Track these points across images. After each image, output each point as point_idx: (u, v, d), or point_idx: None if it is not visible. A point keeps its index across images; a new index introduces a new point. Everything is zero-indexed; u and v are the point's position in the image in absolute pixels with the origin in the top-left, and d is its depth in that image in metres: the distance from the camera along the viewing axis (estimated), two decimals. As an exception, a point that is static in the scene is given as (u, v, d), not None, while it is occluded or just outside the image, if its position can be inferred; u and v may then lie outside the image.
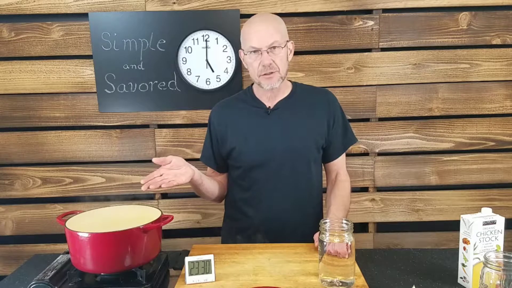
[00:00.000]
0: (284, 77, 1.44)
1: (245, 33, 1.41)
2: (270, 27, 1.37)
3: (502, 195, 2.18)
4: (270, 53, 1.37)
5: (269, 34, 1.36)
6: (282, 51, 1.39)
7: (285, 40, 1.41)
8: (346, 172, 1.58)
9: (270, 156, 1.45)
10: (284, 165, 1.45)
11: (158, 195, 2.19)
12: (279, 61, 1.39)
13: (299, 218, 1.49)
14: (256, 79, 1.43)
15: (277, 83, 1.41)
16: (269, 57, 1.37)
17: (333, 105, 1.51)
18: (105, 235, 1.09)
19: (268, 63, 1.37)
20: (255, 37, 1.37)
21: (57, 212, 2.17)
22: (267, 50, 1.36)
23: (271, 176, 1.46)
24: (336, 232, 1.09)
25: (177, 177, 1.29)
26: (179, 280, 1.15)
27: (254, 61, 1.39)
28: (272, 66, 1.38)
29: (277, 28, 1.38)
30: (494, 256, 0.94)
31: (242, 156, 1.48)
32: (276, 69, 1.39)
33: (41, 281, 1.08)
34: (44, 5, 2.02)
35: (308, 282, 1.12)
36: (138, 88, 2.08)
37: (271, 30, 1.37)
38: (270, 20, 1.40)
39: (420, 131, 2.14)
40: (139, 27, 2.03)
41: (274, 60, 1.38)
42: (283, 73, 1.41)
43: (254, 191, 1.49)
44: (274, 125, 1.46)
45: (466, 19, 2.06)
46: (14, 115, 2.12)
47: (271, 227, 1.48)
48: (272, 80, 1.40)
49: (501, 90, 2.11)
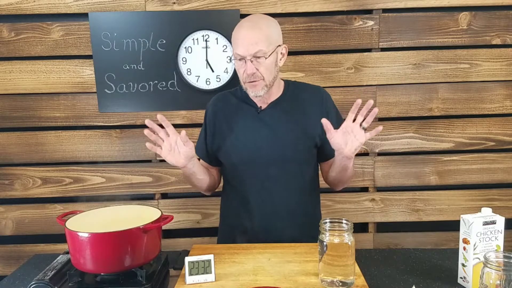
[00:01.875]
0: (271, 85, 1.41)
1: (233, 38, 1.39)
2: (256, 35, 1.33)
3: (502, 195, 2.18)
4: (254, 62, 1.34)
5: (253, 42, 1.33)
6: (268, 59, 1.35)
7: (275, 46, 1.37)
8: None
9: (257, 156, 1.43)
10: (272, 166, 1.44)
11: (158, 195, 2.19)
12: (264, 70, 1.36)
13: (287, 220, 1.47)
14: (243, 85, 1.42)
15: (261, 91, 1.39)
16: (253, 66, 1.34)
17: (326, 102, 1.49)
18: (105, 235, 1.09)
19: (251, 72, 1.35)
20: (240, 44, 1.35)
21: (57, 212, 2.17)
22: (250, 59, 1.34)
23: (258, 176, 1.45)
24: (336, 232, 1.09)
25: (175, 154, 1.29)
26: (179, 280, 1.15)
27: (240, 67, 1.38)
28: (256, 75, 1.36)
29: (265, 35, 1.34)
30: (494, 256, 0.94)
31: (229, 153, 1.48)
32: (260, 78, 1.37)
33: (41, 281, 1.09)
34: (44, 5, 2.02)
35: (308, 282, 1.12)
36: (138, 88, 2.08)
37: (256, 38, 1.33)
38: (258, 27, 1.35)
39: (420, 131, 2.14)
40: (139, 27, 2.03)
41: (258, 68, 1.35)
42: (268, 81, 1.38)
43: (242, 191, 1.49)
44: (263, 125, 1.45)
45: (466, 19, 2.06)
46: (14, 115, 2.12)
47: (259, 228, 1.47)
48: (256, 88, 1.39)
49: (501, 90, 2.11)
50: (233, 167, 1.50)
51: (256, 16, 1.44)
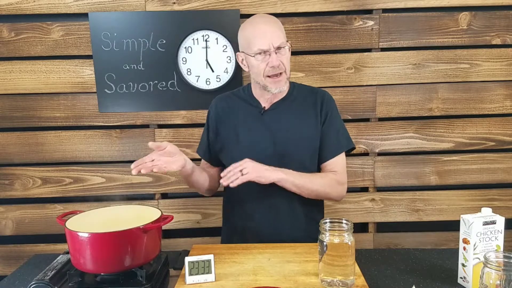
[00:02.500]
0: (289, 78, 1.44)
1: (250, 35, 1.39)
2: (275, 27, 1.38)
3: (502, 195, 2.18)
4: (278, 54, 1.37)
5: (276, 35, 1.37)
6: (287, 51, 1.39)
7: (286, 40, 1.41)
8: (343, 176, 1.49)
9: (259, 157, 1.43)
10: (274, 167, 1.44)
11: (158, 195, 2.19)
12: (286, 61, 1.40)
13: (289, 220, 1.48)
14: (262, 81, 1.41)
15: (285, 85, 1.41)
16: (278, 58, 1.37)
17: (328, 105, 1.48)
18: (105, 235, 1.09)
19: (277, 63, 1.37)
20: (263, 38, 1.36)
21: (57, 212, 2.17)
22: (275, 51, 1.36)
23: None
24: (336, 232, 1.09)
25: (168, 164, 1.30)
26: (179, 280, 1.15)
27: (261, 62, 1.38)
28: (281, 66, 1.38)
29: (281, 29, 1.40)
30: (494, 256, 0.94)
31: (231, 154, 1.48)
32: (283, 69, 1.39)
33: (41, 281, 1.09)
34: (44, 5, 2.02)
35: (308, 282, 1.12)
36: (138, 88, 2.08)
37: (277, 31, 1.38)
38: (273, 21, 1.41)
39: (420, 131, 2.14)
40: (139, 27, 2.03)
41: (281, 60, 1.38)
42: (288, 73, 1.42)
43: (243, 192, 1.49)
44: (266, 126, 1.45)
45: (466, 19, 2.06)
46: (14, 115, 2.12)
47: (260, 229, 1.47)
48: (280, 83, 1.40)
49: (501, 90, 2.11)
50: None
51: (264, 15, 1.47)
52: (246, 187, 1.48)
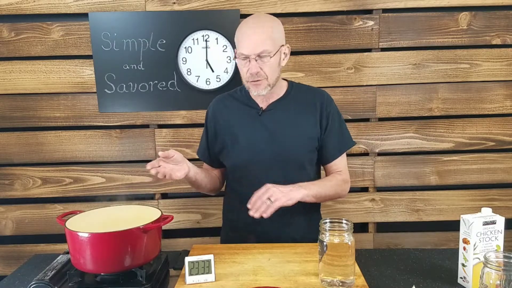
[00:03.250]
0: (274, 84, 1.41)
1: (237, 37, 1.39)
2: (261, 34, 1.33)
3: (502, 195, 2.18)
4: (259, 61, 1.34)
5: (258, 42, 1.33)
6: (272, 59, 1.35)
7: (278, 45, 1.37)
8: (347, 174, 1.53)
9: (258, 158, 1.44)
10: (273, 167, 1.44)
11: (158, 195, 2.19)
12: (268, 69, 1.36)
13: (289, 220, 1.48)
14: (245, 84, 1.42)
15: (264, 90, 1.39)
16: (257, 65, 1.35)
17: (328, 106, 1.48)
18: (105, 235, 1.09)
19: (255, 71, 1.35)
20: (245, 43, 1.35)
21: (57, 212, 2.17)
22: (255, 58, 1.34)
23: (259, 177, 1.45)
24: (336, 232, 1.09)
25: (173, 172, 1.31)
26: (179, 280, 1.15)
27: (243, 66, 1.38)
28: (260, 74, 1.36)
29: (269, 35, 1.34)
30: (494, 256, 0.94)
31: (231, 155, 1.48)
32: (263, 77, 1.37)
33: (41, 281, 1.08)
34: (44, 5, 2.02)
35: (308, 282, 1.12)
36: (138, 88, 2.08)
37: (262, 38, 1.33)
38: (263, 26, 1.35)
39: (420, 131, 2.14)
40: (139, 27, 2.03)
41: (262, 67, 1.35)
42: (271, 80, 1.39)
43: (242, 192, 1.49)
44: (264, 127, 1.45)
45: (466, 19, 2.06)
46: (14, 115, 2.12)
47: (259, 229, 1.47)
48: (259, 87, 1.39)
49: (501, 90, 2.11)
50: (234, 169, 1.50)
51: (260, 16, 1.44)
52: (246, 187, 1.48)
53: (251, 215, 1.28)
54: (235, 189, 1.53)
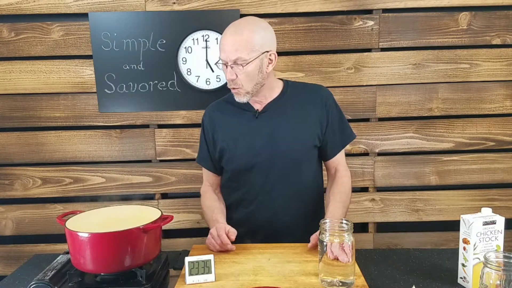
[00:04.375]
0: (253, 92, 1.40)
1: (219, 42, 1.39)
2: (237, 42, 1.31)
3: (502, 195, 2.18)
4: (235, 68, 1.34)
5: (233, 49, 1.32)
6: (249, 66, 1.33)
7: (258, 52, 1.34)
8: (346, 167, 1.56)
9: (258, 160, 1.44)
10: (273, 168, 1.44)
11: (158, 195, 2.19)
12: (243, 77, 1.35)
13: (290, 220, 1.48)
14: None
15: (244, 98, 1.40)
16: (233, 72, 1.35)
17: (327, 102, 1.47)
18: (105, 235, 1.09)
19: (230, 78, 1.36)
20: (222, 50, 1.35)
21: (57, 212, 2.17)
22: (231, 65, 1.34)
23: (260, 179, 1.45)
24: (336, 232, 1.09)
25: (227, 247, 1.34)
26: (179, 280, 1.15)
27: (224, 72, 1.40)
28: (235, 82, 1.36)
29: (245, 42, 1.31)
30: (494, 256, 0.94)
31: (231, 159, 1.48)
32: (239, 86, 1.37)
33: (41, 281, 1.09)
34: (44, 5, 2.02)
35: (308, 282, 1.12)
36: (138, 88, 2.08)
37: (236, 45, 1.31)
38: (242, 33, 1.32)
39: (420, 131, 2.14)
40: (139, 27, 2.03)
41: (238, 75, 1.35)
42: (248, 88, 1.38)
43: (243, 194, 1.49)
44: (262, 128, 1.44)
45: (466, 19, 2.06)
46: (14, 115, 2.12)
47: (261, 229, 1.48)
48: (238, 95, 1.40)
49: (501, 90, 2.11)
50: (235, 172, 1.50)
51: (242, 21, 1.40)
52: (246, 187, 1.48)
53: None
54: (234, 190, 1.53)
